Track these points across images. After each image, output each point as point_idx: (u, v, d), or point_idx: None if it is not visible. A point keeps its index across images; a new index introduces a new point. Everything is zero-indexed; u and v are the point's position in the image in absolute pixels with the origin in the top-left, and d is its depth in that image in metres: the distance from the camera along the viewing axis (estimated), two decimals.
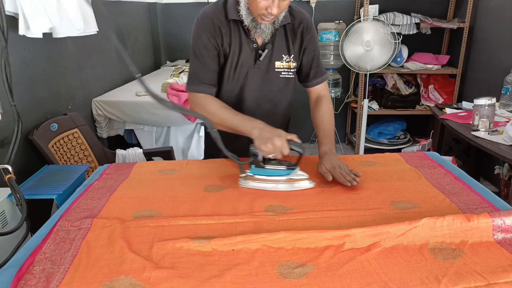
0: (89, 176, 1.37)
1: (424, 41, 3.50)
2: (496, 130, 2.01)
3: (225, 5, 1.28)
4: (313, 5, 3.54)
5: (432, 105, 3.00)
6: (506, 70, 2.48)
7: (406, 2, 3.44)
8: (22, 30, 1.75)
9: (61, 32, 2.01)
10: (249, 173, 1.18)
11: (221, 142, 1.13)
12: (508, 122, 2.02)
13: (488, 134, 2.00)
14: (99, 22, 2.40)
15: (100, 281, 0.79)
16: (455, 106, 2.64)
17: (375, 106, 3.49)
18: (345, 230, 0.89)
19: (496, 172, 2.58)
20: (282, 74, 1.37)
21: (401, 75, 3.57)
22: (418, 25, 3.29)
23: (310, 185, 1.18)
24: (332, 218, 1.00)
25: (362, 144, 3.21)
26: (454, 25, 3.21)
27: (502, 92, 2.41)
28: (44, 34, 1.87)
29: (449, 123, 2.32)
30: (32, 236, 0.98)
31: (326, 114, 1.39)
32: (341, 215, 1.01)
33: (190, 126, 2.71)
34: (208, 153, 1.60)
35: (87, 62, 2.55)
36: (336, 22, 3.40)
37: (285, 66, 1.36)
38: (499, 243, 0.87)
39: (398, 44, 2.81)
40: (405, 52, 3.38)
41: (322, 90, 1.44)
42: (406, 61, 3.39)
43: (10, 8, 1.71)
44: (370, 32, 2.76)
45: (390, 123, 3.65)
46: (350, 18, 3.54)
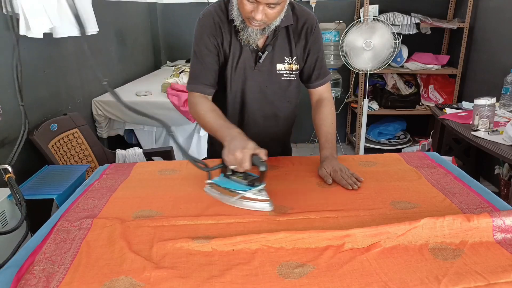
0: (89, 176, 1.37)
1: (424, 41, 3.50)
2: (496, 130, 2.01)
3: (226, 4, 1.26)
4: (313, 5, 3.54)
5: (432, 105, 3.00)
6: (506, 70, 2.48)
7: (406, 2, 3.43)
8: (22, 30, 1.75)
9: (61, 32, 2.02)
10: (214, 181, 1.14)
11: (183, 148, 1.15)
12: (508, 122, 2.02)
13: (488, 134, 2.00)
14: (99, 22, 2.40)
15: (100, 281, 0.79)
16: (455, 106, 2.64)
17: (375, 106, 3.49)
18: (345, 230, 0.89)
19: (496, 172, 2.58)
20: (284, 76, 1.35)
21: (401, 75, 3.57)
22: (418, 25, 3.29)
23: (265, 207, 1.05)
24: (332, 218, 1.00)
25: (362, 144, 3.21)
26: (454, 25, 3.21)
27: (502, 92, 2.41)
28: (44, 34, 1.87)
29: (449, 123, 2.32)
30: (32, 236, 0.98)
31: (327, 118, 1.38)
32: (341, 215, 1.01)
33: (190, 126, 2.71)
34: (209, 154, 1.60)
35: (87, 62, 2.55)
36: (336, 22, 3.40)
37: (287, 68, 1.34)
38: (499, 243, 0.87)
39: (398, 44, 2.81)
40: (405, 52, 3.38)
41: (324, 92, 1.42)
42: (406, 61, 3.39)
43: (10, 8, 1.71)
44: (370, 32, 2.76)
45: (390, 123, 3.65)
46: (350, 18, 3.54)
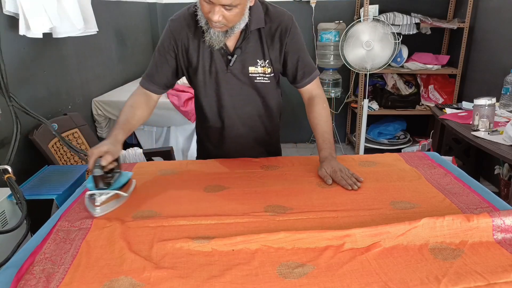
0: (89, 176, 1.37)
1: (424, 41, 3.50)
2: (496, 130, 2.01)
3: (197, 9, 1.25)
4: (313, 5, 3.54)
5: (432, 105, 3.00)
6: (506, 70, 2.48)
7: (406, 2, 3.44)
8: (22, 30, 1.75)
9: (61, 32, 2.01)
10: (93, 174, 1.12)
11: (71, 144, 1.21)
12: (508, 122, 2.02)
13: (488, 134, 2.00)
14: (99, 22, 2.40)
15: (100, 281, 0.79)
16: (455, 106, 2.64)
17: (375, 106, 3.49)
18: (345, 230, 0.89)
19: (496, 172, 2.58)
20: (257, 79, 1.33)
21: (401, 75, 3.57)
22: (418, 25, 3.29)
23: (92, 212, 1.05)
24: (332, 218, 1.01)
25: (362, 144, 3.21)
26: (454, 25, 3.21)
27: (502, 92, 2.41)
28: (44, 34, 1.87)
29: (449, 123, 2.32)
30: (32, 236, 0.98)
31: (321, 115, 1.36)
32: (341, 215, 1.01)
33: (190, 126, 2.71)
34: (198, 153, 1.60)
35: (87, 62, 2.55)
36: (336, 22, 3.40)
37: (259, 71, 1.32)
38: (499, 243, 0.87)
39: (398, 44, 2.81)
40: (405, 52, 3.38)
41: (313, 90, 1.40)
42: (406, 61, 3.39)
43: (10, 8, 1.71)
44: (370, 32, 2.76)
45: (390, 123, 3.65)
46: (350, 18, 3.54)
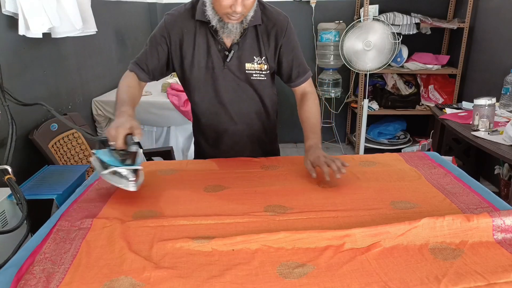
0: (89, 176, 1.37)
1: (424, 41, 3.51)
2: (496, 130, 2.01)
3: (194, 5, 1.27)
4: (313, 5, 3.54)
5: (432, 105, 3.00)
6: (506, 70, 2.48)
7: (406, 2, 3.44)
8: (21, 30, 1.75)
9: (60, 32, 2.01)
10: (96, 152, 1.13)
11: (92, 134, 1.21)
12: (508, 122, 2.02)
13: (488, 134, 2.00)
14: (99, 22, 2.40)
15: (100, 281, 0.78)
16: (455, 106, 2.64)
17: (375, 106, 3.49)
18: (345, 230, 0.89)
19: (496, 172, 2.58)
20: (254, 76, 1.35)
21: (401, 75, 3.57)
22: (418, 25, 3.29)
23: (128, 186, 1.07)
24: (332, 218, 1.00)
25: (362, 144, 3.21)
26: (454, 25, 3.21)
27: (502, 92, 2.41)
28: (44, 34, 1.87)
29: (449, 123, 2.32)
30: (32, 236, 0.98)
31: (311, 109, 1.38)
32: (341, 215, 1.01)
33: (190, 126, 2.70)
34: (196, 154, 1.61)
35: (87, 62, 2.55)
36: (336, 22, 3.40)
37: (256, 68, 1.33)
38: (499, 243, 0.87)
39: (398, 44, 2.81)
40: (405, 52, 3.38)
41: (306, 87, 1.42)
42: (406, 61, 3.39)
43: (10, 8, 1.71)
44: (370, 32, 2.76)
45: (390, 123, 3.65)
46: (350, 18, 3.54)
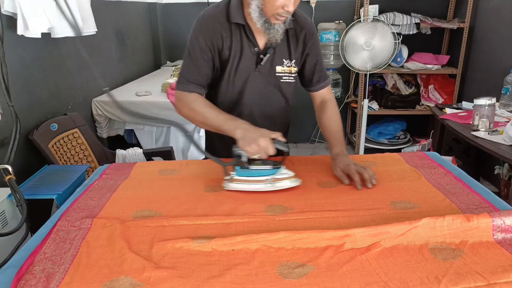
0: (89, 176, 1.37)
1: (424, 41, 3.50)
2: (496, 130, 2.01)
3: (227, 7, 1.26)
4: (313, 5, 3.55)
5: (432, 105, 3.00)
6: (506, 70, 2.48)
7: (406, 2, 3.44)
8: (20, 30, 1.75)
9: (59, 32, 2.02)
10: (234, 175, 1.15)
11: (200, 146, 1.14)
12: (508, 122, 2.02)
13: (488, 134, 2.00)
14: (99, 22, 2.40)
15: (100, 281, 0.78)
16: (455, 106, 2.64)
17: (375, 106, 3.49)
18: (345, 230, 0.89)
19: (496, 172, 2.58)
20: (283, 78, 1.36)
21: (401, 75, 3.57)
22: (418, 25, 3.29)
23: (293, 183, 1.15)
24: (332, 218, 1.00)
25: (362, 144, 3.21)
26: (454, 25, 3.21)
27: (502, 92, 2.41)
28: (44, 34, 1.87)
29: (449, 123, 2.32)
30: (32, 236, 0.98)
31: (332, 117, 1.38)
32: (341, 215, 1.01)
33: (190, 126, 2.71)
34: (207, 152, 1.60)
35: (87, 62, 2.55)
36: (336, 22, 3.40)
37: (286, 70, 1.35)
38: (499, 243, 0.87)
39: (398, 44, 2.81)
40: (405, 52, 3.38)
41: (326, 94, 1.43)
42: (406, 61, 3.39)
43: (8, 8, 1.71)
44: (370, 32, 2.76)
45: (390, 123, 3.65)
46: (350, 18, 3.54)
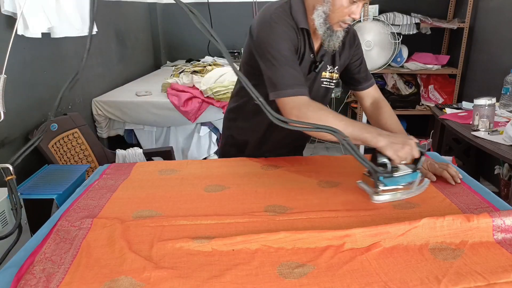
0: (89, 176, 1.37)
1: (424, 41, 3.50)
2: (496, 130, 2.01)
3: (290, 11, 1.23)
4: None
5: (432, 105, 3.00)
6: (506, 70, 2.48)
7: (406, 2, 3.44)
8: (20, 30, 1.75)
9: (59, 32, 2.02)
10: (387, 184, 1.07)
11: (359, 152, 1.01)
12: (508, 122, 2.02)
13: (488, 134, 2.00)
14: (99, 22, 2.40)
15: (100, 281, 0.78)
16: (455, 106, 2.64)
17: None
18: (345, 230, 0.89)
19: (496, 172, 2.58)
20: (324, 83, 1.36)
21: (401, 75, 3.57)
22: (418, 25, 3.29)
23: (428, 181, 1.16)
24: (332, 218, 1.00)
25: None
26: (454, 25, 3.21)
27: (502, 92, 2.41)
28: (44, 34, 1.87)
29: (449, 123, 2.32)
30: (32, 236, 0.98)
31: (392, 116, 1.34)
32: (341, 215, 1.01)
33: (190, 126, 2.71)
34: (222, 153, 1.59)
35: (87, 62, 2.55)
36: None
37: (327, 76, 1.35)
38: (499, 243, 0.87)
39: (398, 44, 2.81)
40: (405, 52, 3.38)
41: (376, 93, 1.43)
42: (406, 61, 3.39)
43: (8, 7, 1.71)
44: (370, 32, 2.77)
45: None
46: None
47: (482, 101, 2.04)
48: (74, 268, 0.83)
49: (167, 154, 2.29)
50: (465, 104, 2.60)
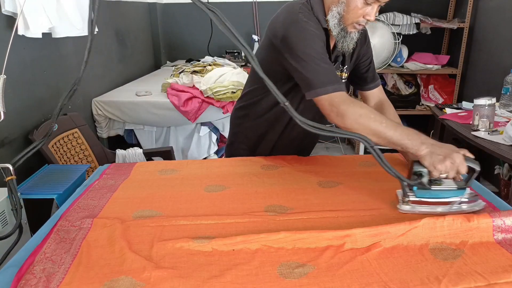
0: (89, 176, 1.37)
1: (424, 41, 3.51)
2: (496, 130, 2.01)
3: (311, 11, 1.22)
4: None
5: (432, 105, 3.00)
6: (506, 70, 2.48)
7: (406, 2, 3.44)
8: (21, 30, 1.75)
9: (60, 32, 2.02)
10: (419, 195, 1.00)
11: (385, 159, 0.98)
12: (508, 122, 2.02)
13: (488, 134, 2.00)
14: (99, 22, 2.40)
15: (100, 281, 0.78)
16: (455, 106, 2.63)
17: None
18: (345, 230, 0.89)
19: (496, 172, 2.58)
20: None
21: (401, 75, 3.57)
22: (418, 25, 3.29)
23: (479, 206, 1.00)
24: (332, 218, 1.00)
25: (362, 144, 3.21)
26: (454, 25, 3.21)
27: (502, 92, 2.41)
28: (44, 34, 1.87)
29: (449, 123, 2.32)
30: (32, 236, 0.98)
31: (397, 118, 1.34)
32: (341, 215, 1.01)
33: (190, 126, 2.71)
34: (229, 152, 1.58)
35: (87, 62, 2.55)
36: None
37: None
38: (499, 243, 0.87)
39: (398, 44, 2.81)
40: (405, 52, 3.38)
41: (380, 94, 1.43)
42: (406, 61, 3.39)
43: (9, 7, 1.71)
44: (370, 32, 2.77)
45: None
46: None
47: (482, 101, 2.04)
48: (74, 268, 0.83)
49: (167, 154, 2.29)
50: (465, 104, 2.60)
